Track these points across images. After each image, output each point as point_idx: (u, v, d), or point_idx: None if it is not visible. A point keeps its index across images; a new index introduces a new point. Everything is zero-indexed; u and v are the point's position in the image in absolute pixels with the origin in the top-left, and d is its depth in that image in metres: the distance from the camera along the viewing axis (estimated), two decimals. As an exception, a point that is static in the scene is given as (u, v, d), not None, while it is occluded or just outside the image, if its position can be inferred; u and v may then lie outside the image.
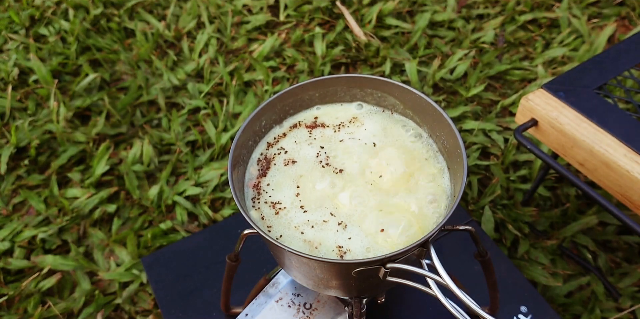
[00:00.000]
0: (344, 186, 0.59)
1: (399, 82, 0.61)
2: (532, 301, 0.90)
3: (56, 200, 1.19)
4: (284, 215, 0.57)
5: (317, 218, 0.57)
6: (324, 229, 0.56)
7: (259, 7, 1.62)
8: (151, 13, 1.63)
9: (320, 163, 0.61)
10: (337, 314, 0.72)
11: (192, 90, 1.40)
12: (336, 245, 0.54)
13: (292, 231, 0.56)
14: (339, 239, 0.55)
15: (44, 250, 1.12)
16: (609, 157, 0.73)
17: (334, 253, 0.54)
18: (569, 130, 0.77)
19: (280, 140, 0.64)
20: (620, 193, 0.75)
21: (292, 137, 0.64)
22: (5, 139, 1.32)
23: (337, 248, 0.54)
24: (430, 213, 0.57)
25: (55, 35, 1.54)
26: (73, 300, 1.04)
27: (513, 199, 1.14)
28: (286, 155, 0.62)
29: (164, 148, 1.29)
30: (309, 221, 0.57)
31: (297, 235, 0.56)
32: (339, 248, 0.54)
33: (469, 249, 0.73)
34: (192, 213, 1.17)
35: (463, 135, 1.27)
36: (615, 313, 0.98)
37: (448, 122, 0.57)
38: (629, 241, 1.08)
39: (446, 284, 0.47)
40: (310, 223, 0.56)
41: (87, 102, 1.36)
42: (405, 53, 1.46)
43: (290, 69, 1.48)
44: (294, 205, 0.58)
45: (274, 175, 0.61)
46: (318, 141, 0.63)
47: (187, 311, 0.92)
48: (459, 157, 0.55)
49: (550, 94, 0.81)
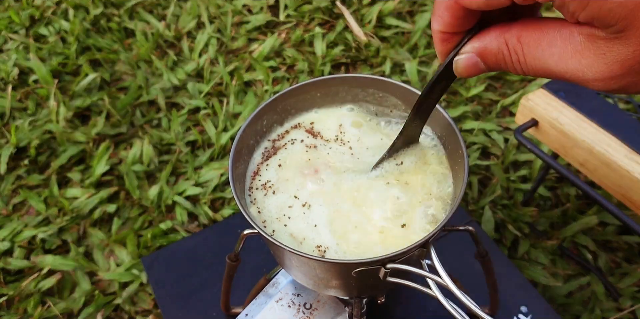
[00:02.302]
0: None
1: (400, 82, 0.61)
2: (532, 301, 0.90)
3: (56, 200, 1.19)
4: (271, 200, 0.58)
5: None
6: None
7: (259, 7, 1.62)
8: (151, 13, 1.63)
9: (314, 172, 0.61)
10: (337, 314, 0.72)
11: (192, 90, 1.40)
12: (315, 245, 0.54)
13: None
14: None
15: (44, 250, 1.12)
16: (610, 157, 0.73)
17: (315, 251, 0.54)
18: (569, 130, 0.77)
19: (282, 139, 0.64)
20: (621, 193, 0.75)
21: (292, 137, 0.64)
22: (5, 139, 1.32)
23: (316, 247, 0.54)
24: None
25: (55, 35, 1.54)
26: (73, 300, 1.04)
27: (513, 199, 1.14)
28: (282, 156, 0.62)
29: (164, 148, 1.29)
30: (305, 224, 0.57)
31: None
32: (318, 247, 0.54)
33: (469, 249, 0.73)
34: (192, 213, 1.17)
35: (463, 135, 1.27)
36: (615, 312, 0.98)
37: (449, 121, 0.57)
38: (629, 241, 1.08)
39: (446, 285, 0.47)
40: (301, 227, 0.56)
41: (87, 102, 1.36)
42: (405, 53, 1.46)
43: (290, 69, 1.48)
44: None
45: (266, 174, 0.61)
46: (315, 148, 0.63)
47: (187, 311, 0.92)
48: (460, 157, 0.55)
49: (550, 94, 0.81)
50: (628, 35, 0.26)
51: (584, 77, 0.29)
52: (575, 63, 0.28)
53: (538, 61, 0.30)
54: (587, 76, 0.28)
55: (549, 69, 0.30)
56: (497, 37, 0.32)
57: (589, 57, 0.28)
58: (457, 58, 0.35)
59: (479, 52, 0.34)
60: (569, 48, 0.28)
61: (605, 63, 0.27)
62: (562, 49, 0.29)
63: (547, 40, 0.30)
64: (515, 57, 0.31)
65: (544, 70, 0.30)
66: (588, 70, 0.28)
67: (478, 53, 0.34)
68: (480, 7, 0.30)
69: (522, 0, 0.28)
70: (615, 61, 0.27)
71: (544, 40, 0.30)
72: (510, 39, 0.32)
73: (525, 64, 0.31)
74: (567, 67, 0.29)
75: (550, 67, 0.30)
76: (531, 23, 0.31)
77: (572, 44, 0.28)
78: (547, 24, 0.30)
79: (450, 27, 0.33)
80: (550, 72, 0.30)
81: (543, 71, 0.30)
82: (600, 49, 0.27)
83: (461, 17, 0.32)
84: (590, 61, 0.28)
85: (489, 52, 0.33)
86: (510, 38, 0.32)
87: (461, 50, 0.35)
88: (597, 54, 0.27)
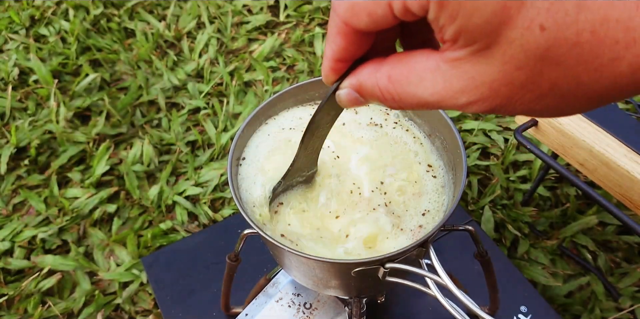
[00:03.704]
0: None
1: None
2: (532, 301, 0.90)
3: (56, 200, 1.19)
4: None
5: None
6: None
7: (259, 7, 1.62)
8: (151, 13, 1.63)
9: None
10: (337, 314, 0.72)
11: (192, 90, 1.40)
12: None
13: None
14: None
15: (44, 250, 1.12)
16: (609, 157, 0.73)
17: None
18: (569, 130, 0.77)
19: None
20: (620, 193, 0.75)
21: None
22: (5, 139, 1.32)
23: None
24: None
25: (56, 35, 1.55)
26: (73, 300, 1.04)
27: (513, 199, 1.14)
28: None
29: (164, 148, 1.29)
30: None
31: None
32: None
33: (469, 249, 0.74)
34: (192, 213, 1.17)
35: (463, 135, 1.27)
36: (615, 312, 0.98)
37: (448, 121, 0.57)
38: (629, 241, 1.08)
39: (445, 285, 0.47)
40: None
41: (87, 102, 1.37)
42: (405, 53, 1.46)
43: (290, 69, 1.48)
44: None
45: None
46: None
47: (187, 311, 0.92)
48: (459, 157, 0.55)
49: (550, 94, 0.81)
50: (492, 52, 0.26)
51: (457, 103, 0.29)
52: (448, 92, 0.29)
53: (413, 97, 0.30)
54: (460, 101, 0.29)
55: (425, 101, 0.30)
56: (370, 75, 0.32)
57: (458, 83, 0.28)
58: (338, 92, 0.35)
59: (356, 89, 0.34)
60: (439, 79, 0.29)
61: (475, 86, 0.27)
62: (432, 82, 0.29)
63: (415, 75, 0.30)
64: (389, 95, 0.31)
65: (420, 104, 0.30)
66: (460, 95, 0.28)
67: (355, 89, 0.34)
68: (368, 27, 0.30)
69: (403, 15, 0.27)
70: (483, 83, 0.27)
71: (413, 77, 0.30)
72: (381, 79, 0.31)
73: (401, 101, 0.31)
74: (441, 96, 0.29)
75: (426, 100, 0.30)
76: (401, 59, 0.31)
77: (440, 74, 0.28)
78: (414, 57, 0.30)
79: (343, 53, 0.32)
80: (427, 103, 0.30)
81: (420, 105, 0.31)
82: (468, 72, 0.27)
83: (354, 41, 0.32)
84: (461, 86, 0.28)
85: (364, 89, 0.33)
86: (381, 78, 0.31)
87: (341, 84, 0.35)
88: (466, 79, 0.28)
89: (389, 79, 0.31)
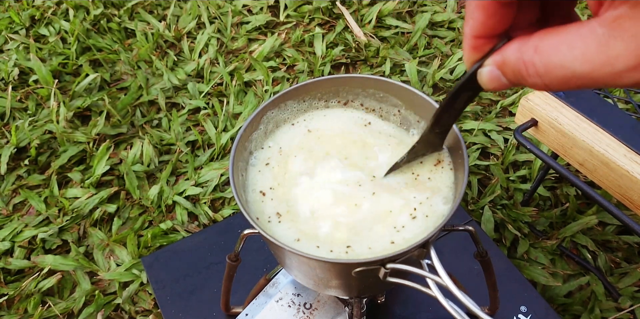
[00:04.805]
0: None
1: (400, 82, 0.61)
2: (532, 301, 0.90)
3: (56, 200, 1.19)
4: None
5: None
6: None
7: (259, 7, 1.62)
8: (151, 13, 1.63)
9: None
10: (337, 314, 0.72)
11: (192, 90, 1.40)
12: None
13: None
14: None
15: (44, 250, 1.12)
16: (609, 157, 0.73)
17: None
18: (569, 130, 0.77)
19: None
20: (620, 193, 0.75)
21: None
22: (5, 139, 1.32)
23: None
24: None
25: (56, 36, 1.55)
26: (73, 300, 1.04)
27: (513, 199, 1.14)
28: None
29: (164, 148, 1.30)
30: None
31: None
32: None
33: (469, 249, 0.74)
34: (192, 213, 1.17)
35: (463, 135, 1.27)
36: (615, 312, 0.99)
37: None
38: (628, 241, 1.08)
39: (445, 285, 0.47)
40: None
41: (87, 102, 1.37)
42: (405, 53, 1.47)
43: (290, 69, 1.48)
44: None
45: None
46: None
47: (187, 311, 0.92)
48: (460, 157, 0.55)
49: (550, 94, 0.82)
50: None
51: (613, 71, 0.26)
52: (602, 57, 0.26)
53: (560, 68, 0.28)
54: (617, 68, 0.25)
55: (573, 73, 0.27)
56: (515, 50, 0.31)
57: (616, 45, 0.25)
58: (480, 70, 0.34)
59: (498, 65, 0.32)
60: (593, 44, 0.26)
61: (637, 45, 0.24)
62: (584, 48, 0.26)
63: (566, 44, 0.28)
64: (533, 69, 0.30)
65: (567, 77, 0.28)
66: (617, 60, 0.25)
67: (498, 66, 0.33)
68: None
69: None
70: None
71: (564, 45, 0.28)
72: (526, 52, 0.30)
73: (546, 75, 0.29)
74: (593, 64, 0.26)
75: (574, 70, 0.27)
76: (550, 31, 0.29)
77: (595, 38, 0.26)
78: (565, 28, 0.28)
79: (483, 28, 0.32)
80: (575, 76, 0.28)
81: (566, 80, 0.28)
82: (629, 31, 0.24)
83: (493, 13, 0.31)
84: (619, 49, 0.25)
85: (507, 65, 0.32)
86: (526, 50, 0.30)
87: (484, 62, 0.34)
88: (627, 38, 0.25)
89: (535, 50, 0.29)
